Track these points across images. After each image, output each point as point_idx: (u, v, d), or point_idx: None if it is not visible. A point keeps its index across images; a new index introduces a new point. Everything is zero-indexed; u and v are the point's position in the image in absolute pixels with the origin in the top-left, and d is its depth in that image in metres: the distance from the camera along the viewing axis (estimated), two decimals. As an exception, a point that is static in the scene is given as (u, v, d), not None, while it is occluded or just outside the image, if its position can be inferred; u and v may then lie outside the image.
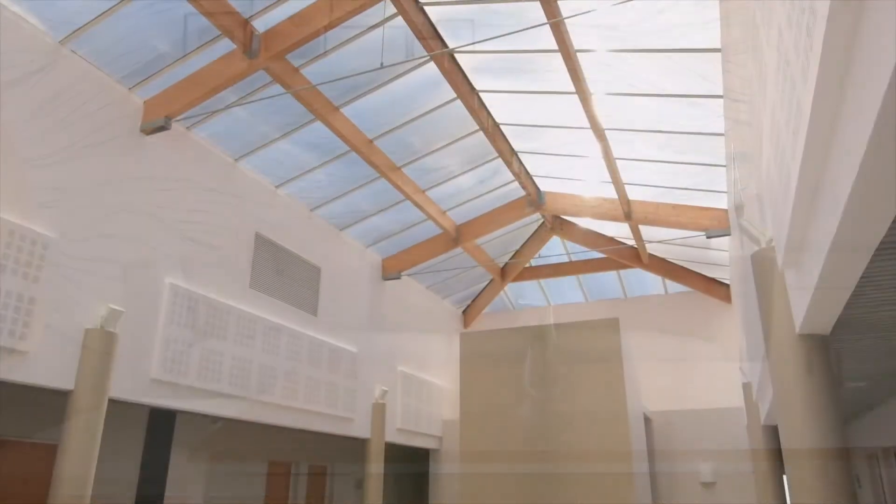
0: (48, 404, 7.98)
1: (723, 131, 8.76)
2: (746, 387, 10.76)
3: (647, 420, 12.90)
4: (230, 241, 9.14)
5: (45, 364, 6.18)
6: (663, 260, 14.75)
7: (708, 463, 12.72)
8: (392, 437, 12.46)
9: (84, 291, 6.71)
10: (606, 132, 9.75)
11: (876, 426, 10.08)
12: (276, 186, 10.26)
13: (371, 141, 9.94)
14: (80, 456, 6.15)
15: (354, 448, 12.74)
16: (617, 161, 10.54)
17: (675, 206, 11.78)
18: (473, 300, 17.25)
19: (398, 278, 13.37)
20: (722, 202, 11.12)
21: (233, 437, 11.28)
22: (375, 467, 11.57)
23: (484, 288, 16.89)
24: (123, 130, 7.57)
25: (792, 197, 3.27)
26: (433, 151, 10.82)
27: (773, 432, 9.88)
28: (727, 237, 11.21)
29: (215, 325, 8.34)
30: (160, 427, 9.65)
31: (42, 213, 6.44)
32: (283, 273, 9.81)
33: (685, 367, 15.05)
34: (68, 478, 6.07)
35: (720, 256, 13.24)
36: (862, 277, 3.55)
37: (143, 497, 9.16)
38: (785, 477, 7.31)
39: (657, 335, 15.46)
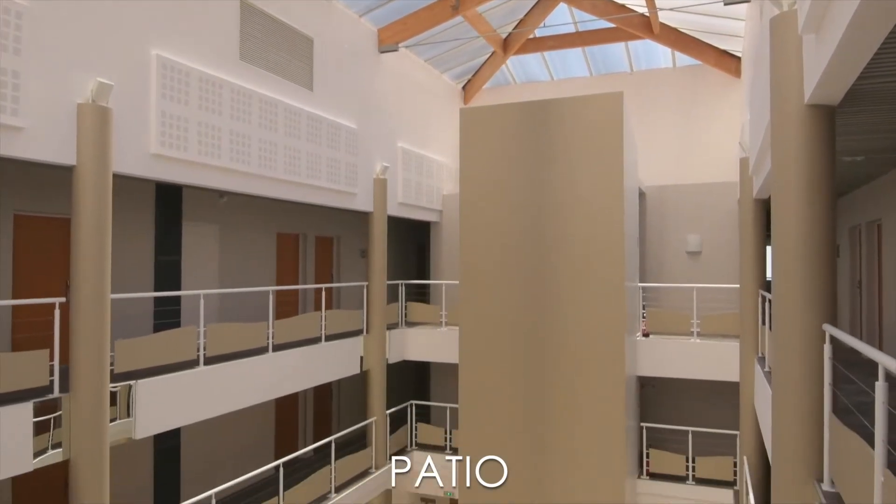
0: (59, 180, 8.14)
1: None
2: (743, 162, 10.86)
3: (641, 194, 13.23)
4: (213, 8, 8.56)
5: (43, 139, 6.15)
6: (675, 30, 13.96)
7: (695, 234, 13.30)
8: (394, 210, 12.90)
9: (70, 64, 6.43)
10: None
11: (864, 201, 10.38)
12: (259, -55, 9.33)
13: None
14: (94, 227, 6.40)
15: (358, 221, 13.26)
16: (636, -87, 9.48)
17: (694, -32, 10.85)
18: (474, 75, 16.68)
19: (395, 50, 12.76)
20: (746, -37, 10.21)
21: (240, 211, 11.68)
22: (378, 238, 12.15)
23: (485, 62, 16.22)
24: None
25: (826, -50, 2.98)
26: None
27: (763, 206, 10.20)
28: (745, 4, 10.50)
29: (209, 100, 8.16)
30: (169, 202, 9.95)
31: (7, -24, 5.94)
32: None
33: (686, 142, 15.07)
34: (85, 248, 6.38)
35: (735, 27, 12.52)
36: (882, 44, 3.38)
37: (161, 263, 9.76)
38: (769, 248, 7.69)
39: (661, 110, 15.24)
